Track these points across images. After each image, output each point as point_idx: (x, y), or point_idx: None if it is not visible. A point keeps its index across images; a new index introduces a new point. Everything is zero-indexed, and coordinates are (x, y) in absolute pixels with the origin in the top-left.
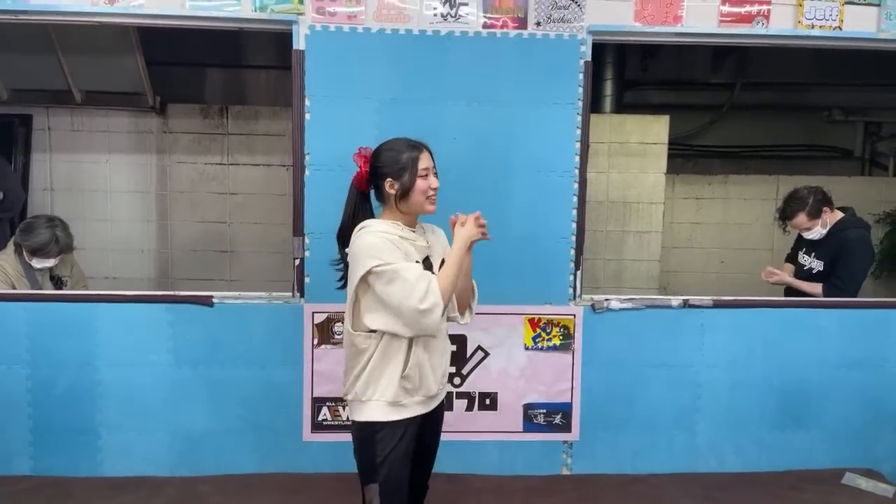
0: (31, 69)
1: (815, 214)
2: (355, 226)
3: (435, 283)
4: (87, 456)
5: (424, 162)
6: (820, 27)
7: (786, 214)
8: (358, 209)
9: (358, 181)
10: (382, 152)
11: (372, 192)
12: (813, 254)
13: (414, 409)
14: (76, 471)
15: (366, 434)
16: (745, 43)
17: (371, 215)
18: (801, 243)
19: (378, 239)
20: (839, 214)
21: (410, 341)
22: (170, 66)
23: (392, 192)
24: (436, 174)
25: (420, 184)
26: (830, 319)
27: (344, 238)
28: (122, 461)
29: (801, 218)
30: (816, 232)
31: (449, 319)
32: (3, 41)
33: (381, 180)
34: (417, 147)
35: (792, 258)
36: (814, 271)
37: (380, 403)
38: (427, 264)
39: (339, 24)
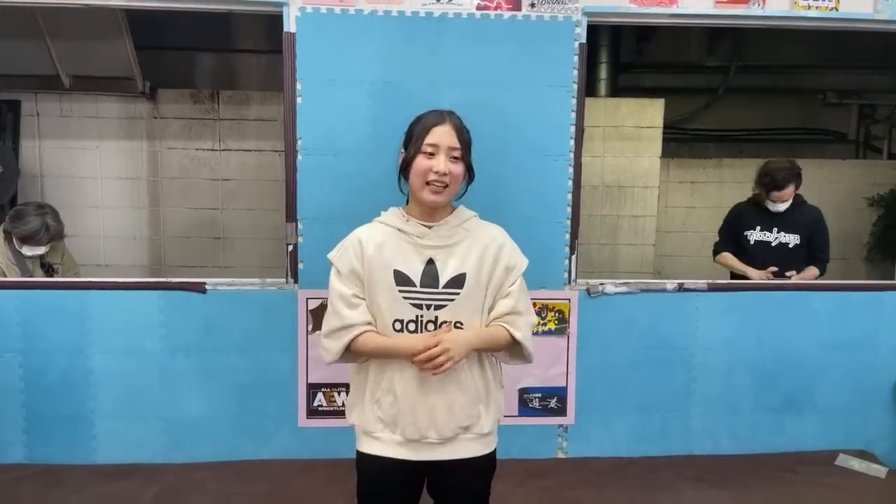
0: (18, 54)
1: (798, 186)
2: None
3: (351, 335)
4: (81, 443)
5: (436, 136)
6: (816, 8)
7: (778, 184)
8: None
9: None
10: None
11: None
12: (775, 228)
13: (393, 448)
14: (70, 458)
15: (356, 461)
16: (741, 24)
17: None
18: (748, 222)
19: (356, 233)
20: None
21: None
22: (159, 50)
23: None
24: (457, 159)
25: (419, 161)
26: (824, 302)
27: None
28: (117, 448)
29: (791, 189)
30: (786, 204)
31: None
32: None
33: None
34: (441, 116)
35: (729, 243)
36: (790, 245)
37: (359, 430)
38: (430, 269)
39: (330, 6)
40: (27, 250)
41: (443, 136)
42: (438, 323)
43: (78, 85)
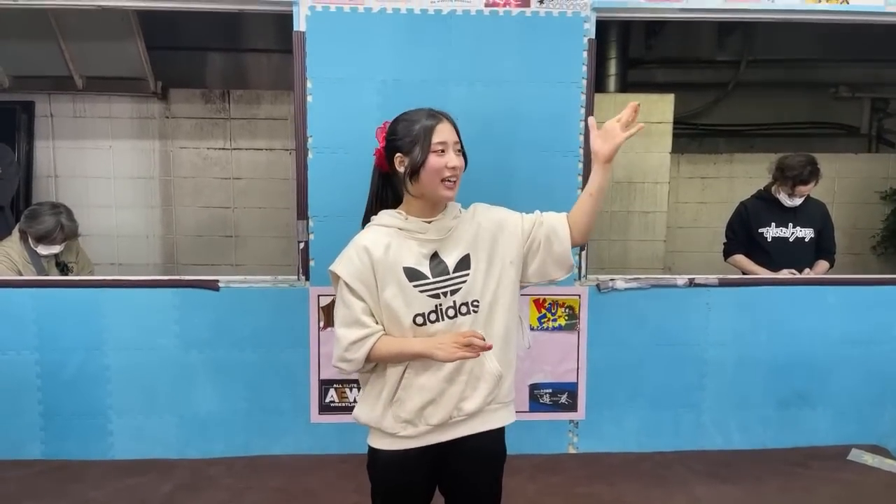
0: (32, 55)
1: (818, 180)
2: (378, 211)
3: (371, 342)
4: (97, 439)
5: (441, 135)
6: (827, 1)
7: (805, 178)
8: (380, 192)
9: (378, 159)
10: (398, 122)
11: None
12: (790, 223)
13: (419, 439)
14: (86, 454)
15: (369, 458)
16: (751, 18)
17: (396, 199)
18: (762, 219)
19: (359, 241)
20: None
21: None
22: (171, 50)
23: (401, 169)
24: (460, 152)
25: (433, 161)
26: (836, 296)
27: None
28: (132, 444)
29: (812, 185)
30: (801, 199)
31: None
32: (4, 28)
33: (392, 156)
34: (436, 116)
35: (741, 242)
36: (806, 239)
37: (376, 430)
38: (435, 259)
39: (339, 5)
40: (42, 249)
41: (446, 133)
42: (457, 306)
43: (91, 86)
